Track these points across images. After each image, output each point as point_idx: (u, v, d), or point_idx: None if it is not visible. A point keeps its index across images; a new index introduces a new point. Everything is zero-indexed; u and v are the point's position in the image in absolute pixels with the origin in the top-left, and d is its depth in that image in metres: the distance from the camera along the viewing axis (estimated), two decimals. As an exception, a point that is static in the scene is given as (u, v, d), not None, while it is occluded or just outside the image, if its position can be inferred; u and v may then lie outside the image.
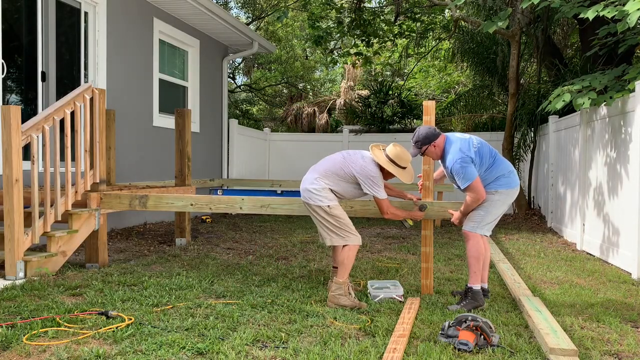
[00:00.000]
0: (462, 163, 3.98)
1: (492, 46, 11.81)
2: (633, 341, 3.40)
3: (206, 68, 10.42)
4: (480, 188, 4.02)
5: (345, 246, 4.11)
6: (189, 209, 5.19)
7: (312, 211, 4.18)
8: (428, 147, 4.12)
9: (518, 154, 10.34)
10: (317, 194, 4.10)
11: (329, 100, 20.45)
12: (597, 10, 5.75)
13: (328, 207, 4.09)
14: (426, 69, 20.08)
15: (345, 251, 4.11)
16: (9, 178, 4.46)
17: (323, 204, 4.09)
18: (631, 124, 5.46)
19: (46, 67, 6.52)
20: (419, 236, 7.17)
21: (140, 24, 8.24)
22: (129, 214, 7.95)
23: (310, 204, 4.14)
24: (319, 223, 4.17)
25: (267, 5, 19.22)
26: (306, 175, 4.27)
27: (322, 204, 4.09)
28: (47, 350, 3.01)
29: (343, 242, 4.11)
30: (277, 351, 3.06)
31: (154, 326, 3.41)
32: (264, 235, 7.78)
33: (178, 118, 6.81)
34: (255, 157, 12.64)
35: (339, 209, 4.13)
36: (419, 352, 3.09)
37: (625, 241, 5.56)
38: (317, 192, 4.10)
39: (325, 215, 4.09)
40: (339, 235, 4.11)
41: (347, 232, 4.10)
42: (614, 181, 5.96)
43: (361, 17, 11.37)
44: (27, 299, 3.94)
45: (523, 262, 6.01)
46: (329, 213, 4.08)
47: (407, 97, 15.39)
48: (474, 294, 4.08)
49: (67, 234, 4.95)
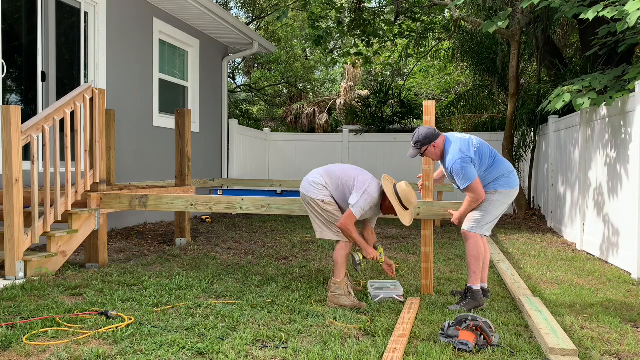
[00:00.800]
0: (462, 163, 3.98)
1: (492, 46, 11.81)
2: (633, 341, 3.40)
3: (206, 68, 10.42)
4: (480, 188, 4.02)
5: (338, 244, 4.13)
6: (189, 209, 5.19)
7: (306, 204, 4.22)
8: (428, 147, 4.12)
9: (518, 154, 10.35)
10: (314, 187, 4.16)
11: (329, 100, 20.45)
12: (597, 10, 5.75)
13: (322, 201, 4.12)
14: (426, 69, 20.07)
15: (338, 249, 4.13)
16: (9, 178, 4.46)
17: (317, 198, 4.12)
18: (631, 124, 5.46)
19: (46, 67, 6.52)
20: (419, 236, 7.17)
21: (140, 24, 8.24)
22: (129, 214, 7.95)
23: (306, 196, 4.19)
24: (312, 215, 4.21)
25: (267, 5, 19.22)
26: (311, 171, 4.33)
27: (317, 197, 4.12)
28: (47, 350, 3.01)
29: (334, 237, 4.13)
30: (277, 351, 3.06)
31: (154, 326, 3.41)
32: (264, 235, 7.78)
33: (178, 118, 6.81)
34: (255, 157, 12.64)
35: (333, 206, 4.15)
36: (419, 352, 3.09)
37: (625, 241, 5.56)
38: (314, 186, 4.16)
39: (318, 208, 4.13)
40: (330, 230, 4.14)
41: (338, 228, 4.11)
42: (614, 181, 5.96)
43: (361, 17, 11.38)
44: (27, 299, 3.94)
45: (523, 262, 6.01)
46: (322, 207, 4.12)
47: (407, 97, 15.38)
48: (473, 293, 4.08)
49: (67, 234, 4.95)
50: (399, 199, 4.07)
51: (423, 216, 4.45)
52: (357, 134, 13.27)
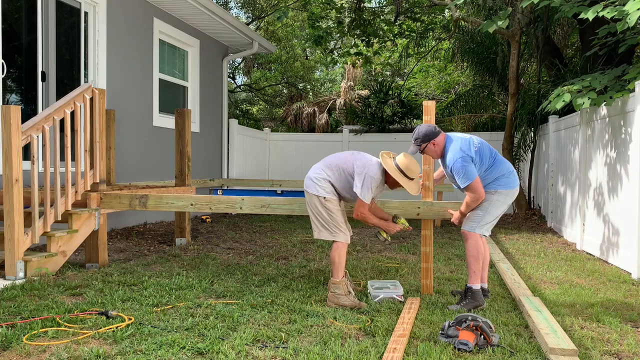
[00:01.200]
0: (463, 162, 3.97)
1: (492, 46, 11.81)
2: (633, 341, 3.40)
3: (206, 68, 10.42)
4: (480, 188, 4.02)
5: (334, 244, 4.13)
6: (189, 209, 5.19)
7: (308, 200, 4.22)
8: (427, 145, 4.12)
9: (518, 154, 10.35)
10: (316, 183, 4.14)
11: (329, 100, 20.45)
12: (597, 10, 5.75)
13: (324, 198, 4.11)
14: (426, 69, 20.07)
15: (334, 250, 4.13)
16: (9, 178, 4.46)
17: (319, 194, 4.11)
18: (631, 124, 5.46)
19: (46, 67, 6.52)
20: (419, 236, 7.17)
21: (140, 24, 8.24)
22: (129, 214, 7.95)
23: (308, 192, 4.19)
24: (312, 213, 4.20)
25: (267, 5, 19.21)
26: (312, 167, 4.33)
27: (319, 194, 4.11)
28: (47, 350, 3.01)
29: (331, 237, 4.13)
30: (277, 351, 3.06)
31: (154, 326, 3.41)
32: (264, 235, 7.78)
33: (178, 118, 6.81)
34: (255, 157, 12.64)
35: (334, 203, 4.14)
36: (419, 352, 3.09)
37: (625, 241, 5.56)
38: (317, 182, 4.14)
39: (319, 205, 4.12)
40: (327, 230, 4.13)
41: (336, 229, 4.11)
42: (614, 181, 5.96)
43: (361, 17, 11.38)
44: (27, 299, 3.94)
45: (523, 262, 6.01)
46: (323, 205, 4.11)
47: (407, 97, 15.38)
48: (473, 293, 4.08)
49: (67, 234, 4.95)
50: (402, 172, 4.07)
51: (423, 216, 4.45)
52: (357, 133, 13.28)
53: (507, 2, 9.58)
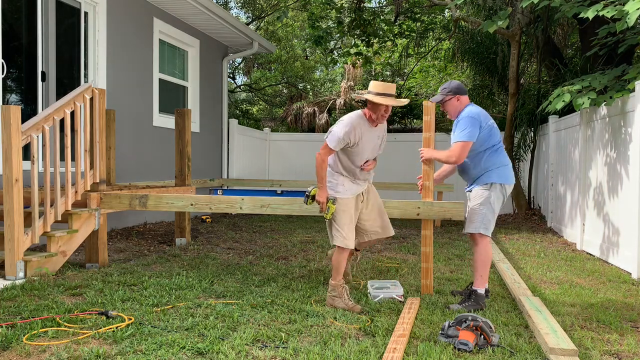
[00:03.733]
0: (472, 121, 4.02)
1: (492, 46, 11.80)
2: (633, 341, 3.40)
3: (206, 68, 10.42)
4: (463, 153, 4.03)
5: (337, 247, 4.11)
6: (189, 209, 5.19)
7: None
8: (452, 98, 4.16)
9: (518, 154, 10.35)
10: (331, 180, 4.13)
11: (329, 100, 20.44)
12: (597, 10, 5.75)
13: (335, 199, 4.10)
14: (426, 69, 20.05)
15: (335, 252, 4.13)
16: (9, 178, 4.46)
17: (329, 195, 4.10)
18: (631, 124, 5.46)
19: (46, 67, 6.52)
20: (419, 236, 7.17)
21: (140, 24, 8.24)
22: (129, 214, 7.95)
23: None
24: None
25: (267, 5, 19.21)
26: None
27: (329, 195, 4.09)
28: (47, 350, 3.01)
29: (330, 238, 4.14)
30: (277, 351, 3.06)
31: (154, 326, 3.41)
32: (264, 235, 7.78)
33: (178, 118, 6.81)
34: (255, 157, 12.64)
35: (342, 204, 4.08)
36: (419, 352, 3.09)
37: (625, 241, 5.56)
38: (329, 181, 4.13)
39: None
40: (330, 230, 4.15)
41: (336, 231, 4.08)
42: (614, 181, 5.96)
43: (361, 17, 11.37)
44: (27, 299, 3.94)
45: (523, 262, 6.01)
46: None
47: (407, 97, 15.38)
48: (477, 297, 4.08)
49: (67, 234, 4.95)
50: (376, 93, 3.92)
51: (423, 216, 4.44)
52: (357, 133, 13.24)
53: (507, 2, 9.58)
